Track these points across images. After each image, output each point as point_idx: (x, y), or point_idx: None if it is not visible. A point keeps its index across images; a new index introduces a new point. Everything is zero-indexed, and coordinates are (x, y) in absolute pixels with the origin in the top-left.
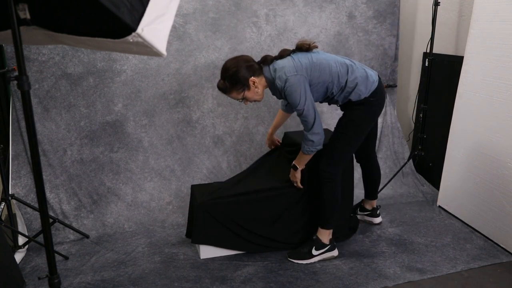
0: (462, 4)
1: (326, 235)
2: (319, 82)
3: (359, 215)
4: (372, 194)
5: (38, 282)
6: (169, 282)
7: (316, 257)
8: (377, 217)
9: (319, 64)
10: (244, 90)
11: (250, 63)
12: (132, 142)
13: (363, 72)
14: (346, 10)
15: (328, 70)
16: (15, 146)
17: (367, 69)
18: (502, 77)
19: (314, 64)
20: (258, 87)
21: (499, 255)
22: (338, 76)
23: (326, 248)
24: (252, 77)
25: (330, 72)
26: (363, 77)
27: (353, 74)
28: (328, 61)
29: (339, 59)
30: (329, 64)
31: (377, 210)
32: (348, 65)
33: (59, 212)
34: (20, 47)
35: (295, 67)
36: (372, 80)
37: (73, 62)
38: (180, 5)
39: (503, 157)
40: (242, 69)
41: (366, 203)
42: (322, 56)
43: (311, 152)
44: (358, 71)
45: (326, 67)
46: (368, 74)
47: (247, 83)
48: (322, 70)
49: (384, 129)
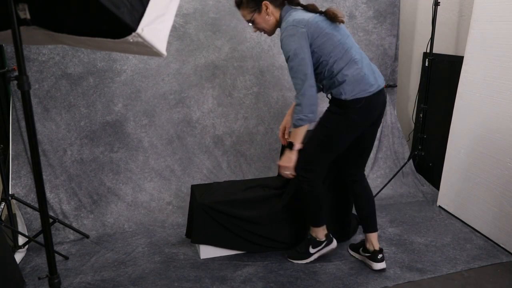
0: (462, 4)
1: (320, 232)
2: (316, 52)
3: (360, 255)
4: (364, 224)
5: (38, 282)
6: (169, 282)
7: (314, 255)
8: (377, 262)
9: (328, 38)
10: (255, 12)
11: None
12: (132, 142)
13: (361, 74)
14: (346, 10)
15: (331, 48)
16: (15, 146)
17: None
18: (502, 77)
19: (325, 34)
20: (270, 16)
21: (499, 255)
22: (335, 61)
23: (323, 244)
24: (266, 1)
25: (331, 52)
26: (356, 78)
27: (349, 70)
28: (339, 41)
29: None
30: (336, 45)
31: (379, 254)
32: (352, 59)
33: (59, 212)
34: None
35: (304, 20)
36: (365, 88)
37: (73, 62)
38: (180, 5)
39: (503, 157)
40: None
41: (366, 240)
42: (336, 33)
43: (300, 122)
44: (357, 70)
45: (331, 45)
46: (367, 80)
47: (259, 5)
48: (326, 43)
49: (384, 129)
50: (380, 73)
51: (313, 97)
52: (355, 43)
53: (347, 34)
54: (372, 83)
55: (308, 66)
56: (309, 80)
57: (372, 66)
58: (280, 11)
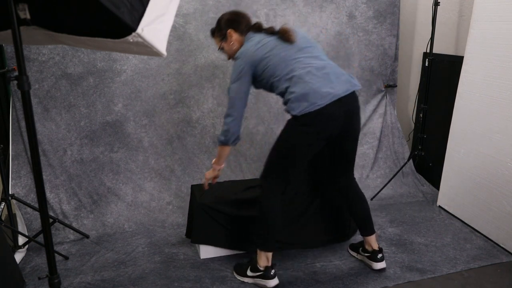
0: (462, 4)
1: (261, 258)
2: (263, 77)
3: (360, 255)
4: (361, 228)
5: (38, 282)
6: (169, 282)
7: (249, 278)
8: (377, 261)
9: (268, 61)
10: (223, 40)
11: (238, 17)
12: (132, 142)
13: (307, 88)
14: (346, 10)
15: (273, 71)
16: (15, 146)
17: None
18: (502, 77)
19: (265, 59)
20: (234, 43)
21: (499, 255)
22: (281, 80)
23: (259, 273)
24: (230, 30)
25: (275, 74)
26: (302, 93)
27: (295, 86)
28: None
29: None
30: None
31: (379, 253)
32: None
33: (59, 212)
34: (20, 47)
35: (248, 51)
36: (314, 101)
37: (73, 62)
38: (180, 5)
39: (503, 157)
40: (226, 18)
41: (365, 242)
42: (278, 52)
43: (219, 141)
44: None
45: (273, 67)
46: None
47: (225, 33)
48: (267, 68)
49: (384, 129)
50: (347, 80)
51: (232, 127)
52: (316, 53)
53: (302, 47)
54: (324, 95)
55: (238, 98)
56: (235, 110)
57: (330, 76)
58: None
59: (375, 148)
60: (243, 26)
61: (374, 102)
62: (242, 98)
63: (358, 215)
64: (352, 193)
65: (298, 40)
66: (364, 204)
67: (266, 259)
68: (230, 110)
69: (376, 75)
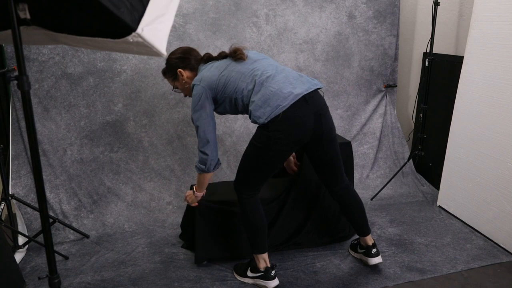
0: (462, 4)
1: (259, 260)
2: (225, 96)
3: (357, 254)
4: (357, 230)
5: (38, 282)
6: (169, 282)
7: (249, 278)
8: (372, 257)
9: (226, 77)
10: (175, 80)
11: (185, 55)
12: (132, 142)
13: (268, 92)
14: (346, 10)
15: (235, 83)
16: (15, 146)
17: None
18: (502, 77)
19: (222, 77)
20: (186, 81)
21: (499, 255)
22: (242, 92)
23: (259, 274)
24: (179, 69)
25: (236, 88)
26: (263, 98)
27: (256, 95)
28: (239, 72)
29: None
30: (238, 77)
31: (373, 248)
32: (257, 82)
33: (59, 212)
34: (20, 47)
35: (202, 77)
36: (278, 103)
37: (73, 62)
38: (180, 5)
39: (503, 157)
40: (174, 58)
41: (361, 240)
42: (235, 67)
43: (196, 169)
44: (263, 90)
45: (233, 81)
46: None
47: (175, 73)
48: (227, 84)
49: (384, 129)
50: (307, 80)
51: (210, 154)
52: (271, 62)
53: (255, 60)
54: (286, 95)
55: (203, 124)
56: (202, 138)
57: (289, 78)
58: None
59: (375, 148)
60: (192, 62)
61: (374, 102)
62: (210, 123)
63: (354, 219)
64: (349, 198)
65: (251, 55)
66: (359, 209)
67: (264, 261)
68: (202, 139)
69: (376, 75)
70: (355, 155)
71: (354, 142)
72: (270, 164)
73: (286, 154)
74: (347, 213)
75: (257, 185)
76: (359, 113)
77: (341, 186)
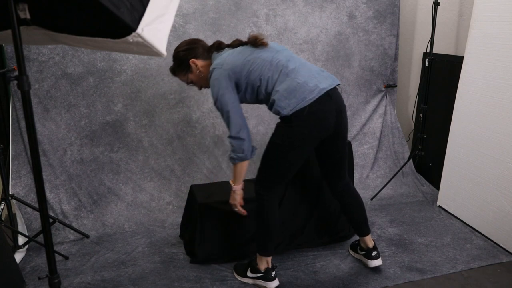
0: (462, 4)
1: (262, 261)
2: (248, 82)
3: (357, 255)
4: (356, 229)
5: (38, 282)
6: (169, 282)
7: (249, 279)
8: (372, 259)
9: (252, 63)
10: (188, 73)
11: (192, 45)
12: (132, 142)
13: (294, 84)
14: (346, 10)
15: (259, 71)
16: (15, 146)
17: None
18: (502, 77)
19: (247, 62)
20: (201, 71)
21: (499, 255)
22: (267, 81)
23: (260, 275)
24: (192, 59)
25: (260, 75)
26: (289, 90)
27: (280, 85)
28: (264, 61)
29: (278, 63)
30: (263, 65)
31: (373, 251)
32: (282, 72)
33: (59, 212)
34: (20, 47)
35: (224, 61)
36: (304, 96)
37: (73, 62)
38: (180, 5)
39: (503, 157)
40: (181, 51)
41: (361, 241)
42: (260, 54)
43: (232, 160)
44: (289, 81)
45: (257, 68)
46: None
47: (188, 64)
48: (252, 70)
49: (384, 129)
50: (328, 75)
51: (244, 137)
52: (292, 54)
53: (278, 50)
54: (312, 88)
55: (230, 108)
56: (233, 121)
57: (313, 72)
58: (210, 61)
59: (375, 148)
60: (201, 51)
61: (374, 102)
62: (239, 105)
63: (354, 218)
64: (348, 198)
65: (272, 44)
66: (360, 208)
67: (266, 262)
68: (235, 123)
69: (376, 75)
70: (355, 155)
71: (354, 142)
72: (292, 163)
73: (306, 151)
74: (347, 211)
75: (277, 187)
76: (359, 113)
77: (343, 183)
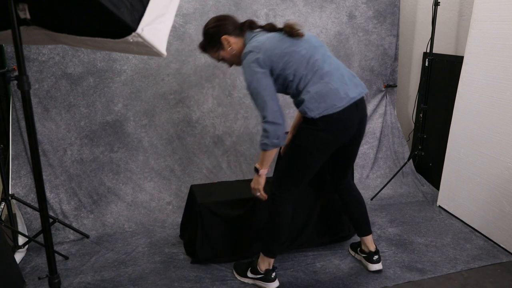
0: (462, 4)
1: (263, 262)
2: (281, 74)
3: (358, 256)
4: (357, 228)
5: (38, 282)
6: (169, 282)
7: (249, 279)
8: (373, 263)
9: (290, 56)
10: (219, 50)
11: (221, 22)
12: (132, 142)
13: (326, 89)
14: (346, 10)
15: (295, 67)
16: (15, 146)
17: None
18: (502, 77)
19: (285, 54)
20: (233, 47)
21: (499, 255)
22: (300, 78)
23: (260, 276)
24: (224, 35)
25: (295, 70)
26: (321, 93)
27: (313, 86)
28: (302, 57)
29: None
30: (299, 61)
31: (375, 255)
32: (317, 73)
33: (59, 212)
34: (20, 47)
35: (263, 45)
36: (333, 103)
37: (73, 62)
38: (180, 5)
39: (503, 157)
40: (211, 28)
41: (362, 242)
42: (298, 49)
43: (265, 146)
44: (322, 84)
45: (294, 63)
46: (336, 94)
47: (220, 41)
48: (288, 64)
49: (384, 129)
50: (359, 83)
51: (280, 122)
52: (328, 53)
53: (315, 46)
54: (343, 96)
55: (267, 92)
56: (269, 106)
57: (345, 78)
58: (243, 39)
59: (375, 148)
60: (232, 27)
61: (374, 102)
62: (273, 91)
63: (354, 216)
64: (349, 195)
65: (309, 37)
66: (360, 206)
67: (268, 263)
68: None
69: (376, 75)
70: None
71: None
72: (311, 166)
73: (326, 156)
74: (347, 208)
75: (293, 189)
76: None
77: (346, 182)
